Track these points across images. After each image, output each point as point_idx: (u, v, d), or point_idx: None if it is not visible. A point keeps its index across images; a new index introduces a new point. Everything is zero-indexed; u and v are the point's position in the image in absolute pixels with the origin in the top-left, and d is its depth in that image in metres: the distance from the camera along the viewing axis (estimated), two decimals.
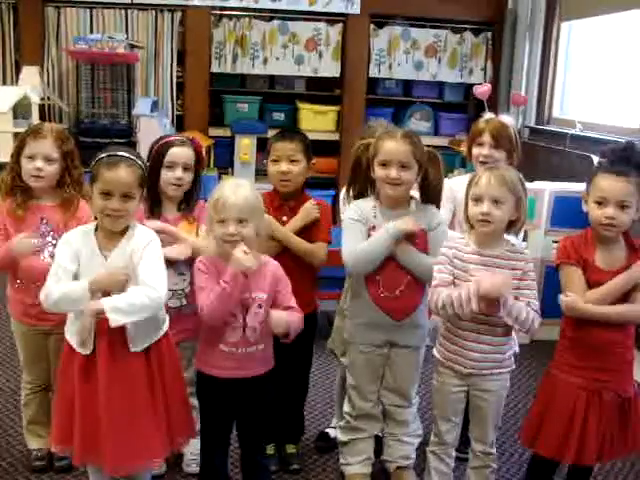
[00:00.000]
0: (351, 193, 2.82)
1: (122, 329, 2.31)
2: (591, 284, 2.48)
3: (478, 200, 2.45)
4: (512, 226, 2.50)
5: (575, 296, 2.45)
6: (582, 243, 2.52)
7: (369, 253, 2.62)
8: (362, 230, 2.66)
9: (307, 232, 2.84)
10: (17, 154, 2.73)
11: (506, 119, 3.07)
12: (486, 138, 2.97)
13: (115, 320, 2.21)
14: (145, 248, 2.35)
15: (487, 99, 3.78)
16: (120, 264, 2.34)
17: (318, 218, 2.84)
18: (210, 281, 2.36)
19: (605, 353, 2.48)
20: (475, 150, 3.00)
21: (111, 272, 2.32)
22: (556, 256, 2.58)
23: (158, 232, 2.49)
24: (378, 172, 2.62)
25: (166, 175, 2.77)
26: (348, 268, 2.68)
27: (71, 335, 2.39)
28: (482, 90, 3.65)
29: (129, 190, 2.33)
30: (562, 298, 2.49)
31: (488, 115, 3.09)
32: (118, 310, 2.22)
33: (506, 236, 2.54)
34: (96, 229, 2.39)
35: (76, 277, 2.34)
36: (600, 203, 2.45)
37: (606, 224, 2.43)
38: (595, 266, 2.48)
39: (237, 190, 2.34)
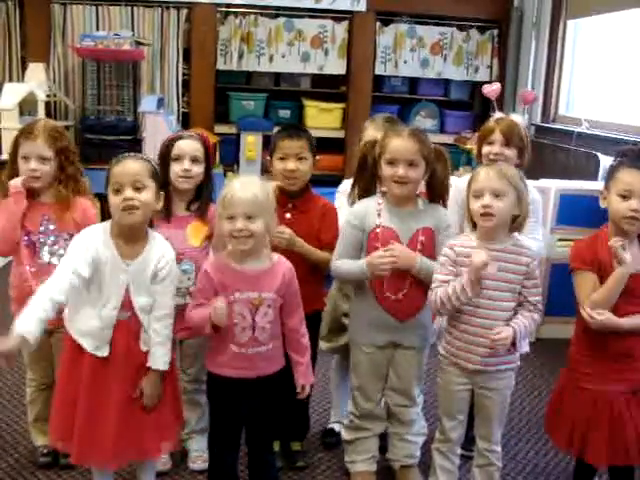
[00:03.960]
0: (356, 191, 2.81)
1: (139, 329, 2.38)
2: None
3: (478, 195, 2.44)
4: (515, 223, 2.49)
5: (608, 313, 2.44)
6: (597, 244, 2.52)
7: (347, 275, 2.73)
8: (357, 237, 2.67)
9: (316, 237, 2.82)
10: (14, 154, 2.72)
11: (517, 118, 3.06)
12: (497, 136, 2.93)
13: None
14: (167, 274, 2.40)
15: (495, 98, 3.78)
16: (141, 275, 2.36)
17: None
18: (208, 287, 2.38)
19: (631, 355, 2.51)
20: (485, 148, 2.96)
21: None
22: (570, 260, 2.57)
23: None
24: (385, 170, 2.61)
25: (174, 168, 2.75)
26: (331, 272, 2.76)
27: (83, 337, 2.37)
28: (491, 90, 3.64)
29: (139, 179, 2.32)
30: (588, 314, 2.46)
31: (498, 115, 3.08)
32: (167, 362, 2.43)
33: (517, 235, 2.53)
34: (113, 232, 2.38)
35: (89, 283, 2.33)
36: (624, 197, 2.45)
37: (630, 217, 2.43)
38: (613, 267, 2.45)
39: (246, 186, 2.34)
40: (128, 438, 2.37)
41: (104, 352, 2.35)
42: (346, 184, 3.06)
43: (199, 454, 2.93)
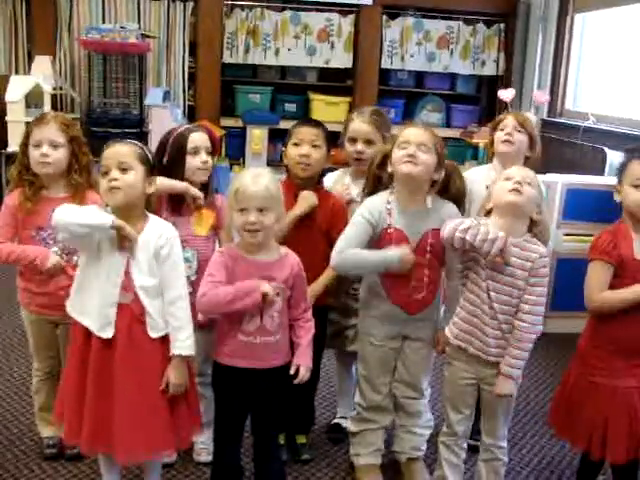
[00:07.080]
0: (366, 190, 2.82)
1: (143, 314, 2.34)
2: (636, 278, 2.47)
3: (510, 178, 2.46)
4: (533, 226, 2.48)
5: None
6: (619, 238, 2.51)
7: (358, 263, 2.63)
8: (368, 232, 2.63)
9: (322, 232, 2.82)
10: (24, 145, 2.72)
11: (528, 115, 3.15)
12: (509, 121, 3.02)
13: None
14: (169, 252, 2.36)
15: (507, 98, 3.86)
16: (140, 252, 2.34)
17: (317, 204, 2.80)
18: (221, 273, 2.36)
19: None
20: (498, 134, 3.04)
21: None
22: (592, 249, 2.55)
23: None
24: (396, 154, 2.59)
25: (193, 161, 2.74)
26: (332, 263, 2.66)
27: (84, 316, 2.36)
28: (507, 95, 3.76)
29: (124, 160, 2.31)
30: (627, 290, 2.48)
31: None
32: (192, 345, 2.39)
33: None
34: None
35: (89, 258, 2.34)
36: (638, 186, 2.49)
37: None
38: (636, 260, 2.48)
39: (257, 179, 2.33)
40: (135, 429, 2.33)
41: (108, 333, 2.32)
42: (330, 177, 3.06)
43: (204, 446, 2.93)
